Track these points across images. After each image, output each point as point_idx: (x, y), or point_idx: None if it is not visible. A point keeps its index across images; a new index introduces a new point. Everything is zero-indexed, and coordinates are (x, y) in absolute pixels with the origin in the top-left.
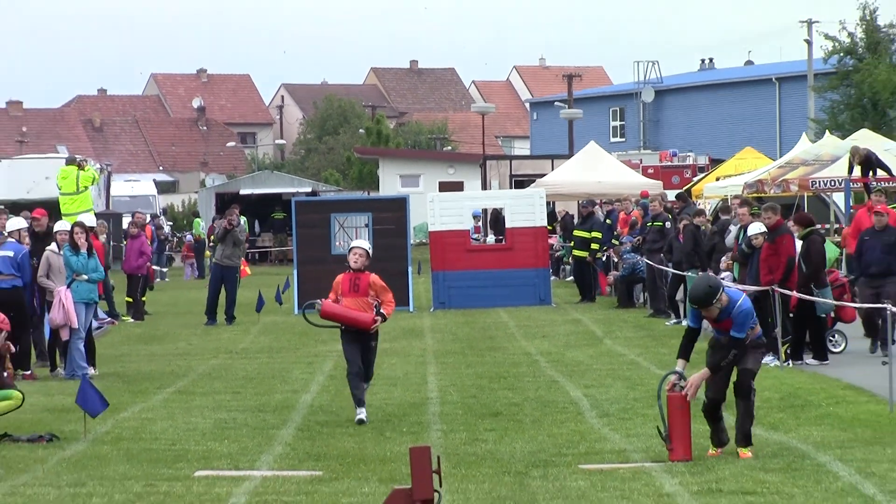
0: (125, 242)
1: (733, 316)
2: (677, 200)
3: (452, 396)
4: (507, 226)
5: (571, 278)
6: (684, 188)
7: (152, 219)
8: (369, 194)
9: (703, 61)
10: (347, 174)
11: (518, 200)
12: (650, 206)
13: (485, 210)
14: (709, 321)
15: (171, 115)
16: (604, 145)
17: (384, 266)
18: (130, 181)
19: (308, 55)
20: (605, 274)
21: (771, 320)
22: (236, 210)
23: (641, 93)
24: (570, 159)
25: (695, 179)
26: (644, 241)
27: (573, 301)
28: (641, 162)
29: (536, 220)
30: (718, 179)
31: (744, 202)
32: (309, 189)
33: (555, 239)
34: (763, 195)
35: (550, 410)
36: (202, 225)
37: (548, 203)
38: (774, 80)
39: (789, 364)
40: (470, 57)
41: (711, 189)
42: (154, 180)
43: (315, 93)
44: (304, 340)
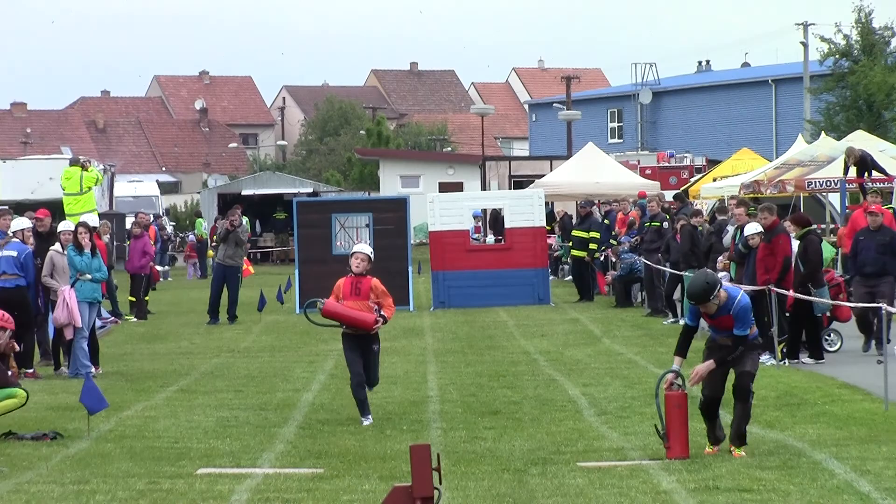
0: (128, 242)
1: (734, 314)
2: (675, 201)
3: (452, 395)
4: (507, 226)
5: (570, 278)
6: (682, 189)
7: (155, 219)
8: (370, 195)
9: (700, 63)
10: (348, 175)
11: (517, 201)
12: (648, 207)
13: (484, 210)
14: (706, 318)
15: (174, 117)
16: (602, 146)
17: (385, 266)
18: (133, 182)
19: (309, 57)
20: (604, 274)
21: (767, 319)
22: (238, 210)
23: (639, 94)
24: (569, 160)
25: (692, 180)
26: (642, 241)
27: (572, 300)
28: (639, 163)
29: (535, 221)
30: (715, 180)
31: (740, 203)
32: (310, 189)
33: (553, 239)
34: (759, 196)
35: (549, 409)
36: (204, 225)
37: (546, 203)
38: (771, 82)
39: (785, 363)
40: (469, 59)
41: (708, 190)
42: (157, 181)
43: (316, 94)
44: (306, 339)
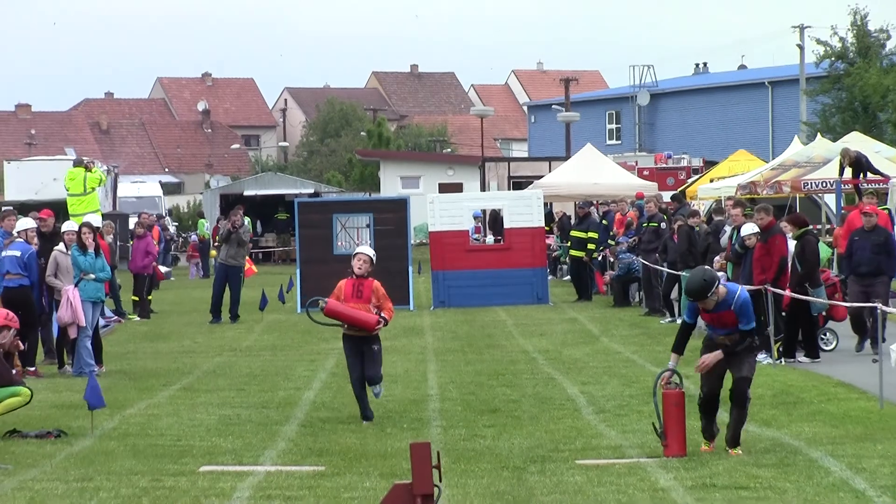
0: (131, 242)
1: (736, 310)
2: (672, 201)
3: (452, 393)
4: (506, 226)
5: (568, 278)
6: (679, 189)
7: (158, 220)
8: (370, 195)
9: (698, 65)
10: (349, 176)
11: (516, 201)
12: (645, 207)
13: (484, 211)
14: (704, 316)
15: (177, 118)
16: (600, 147)
17: (385, 266)
18: (137, 182)
19: (311, 59)
20: (602, 273)
21: (763, 319)
22: (240, 211)
23: (637, 96)
24: (568, 161)
25: (689, 181)
26: (639, 242)
27: (570, 300)
28: (637, 164)
29: (534, 221)
30: (712, 181)
31: (737, 203)
32: (311, 190)
33: (552, 239)
34: (756, 196)
35: (548, 407)
36: (206, 225)
37: (545, 204)
38: (767, 84)
39: (782, 362)
40: (469, 61)
41: (705, 190)
42: (160, 182)
43: (317, 96)
44: (307, 338)
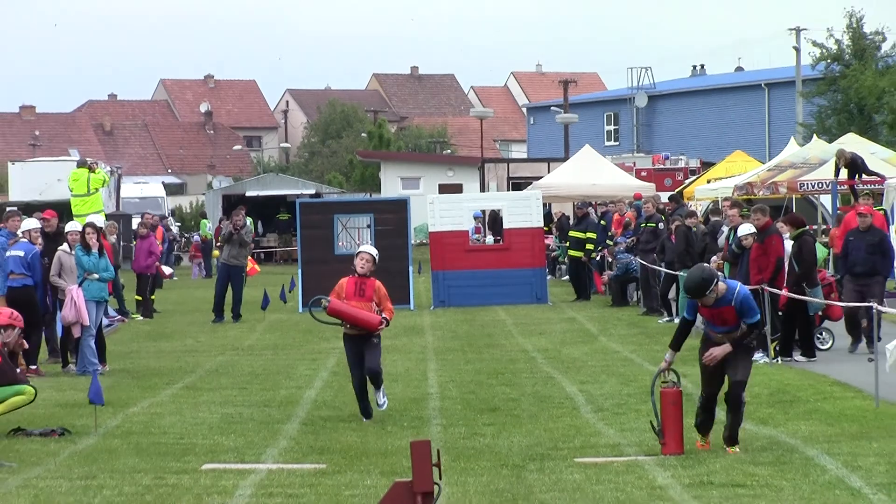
0: (135, 242)
1: (737, 306)
2: (670, 202)
3: (452, 392)
4: (505, 227)
5: (567, 277)
6: (676, 190)
7: (161, 220)
8: (371, 196)
9: (695, 67)
10: (350, 177)
11: (515, 202)
12: (643, 208)
13: (483, 211)
14: (704, 312)
15: (180, 120)
16: (598, 149)
17: (386, 266)
18: (140, 183)
19: (312, 61)
20: (600, 273)
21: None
22: (242, 211)
23: (635, 98)
24: (566, 162)
25: (686, 182)
26: (637, 242)
27: (569, 300)
28: (635, 165)
29: (533, 221)
30: (709, 182)
31: (734, 204)
32: (313, 191)
33: (551, 239)
34: (753, 197)
35: (547, 406)
36: (209, 226)
37: (544, 205)
38: (764, 86)
39: (778, 361)
40: (469, 63)
41: (703, 191)
42: (163, 182)
43: (319, 98)
44: (309, 338)
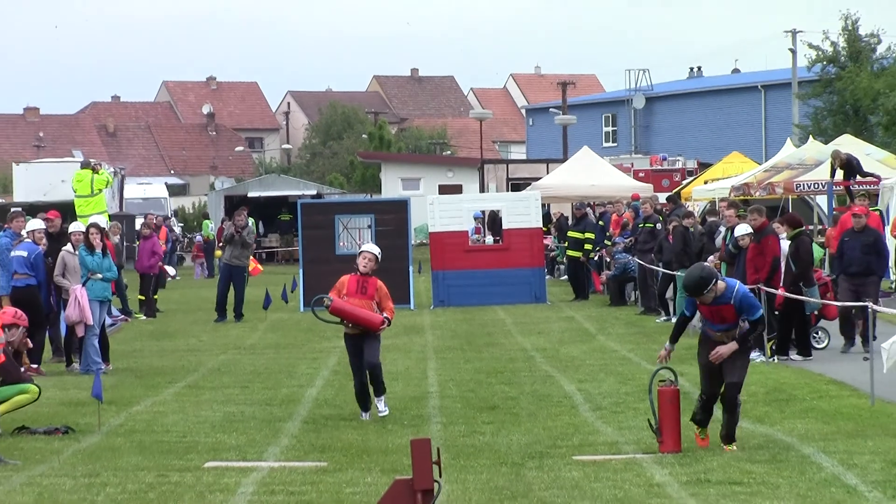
0: (138, 243)
1: (737, 304)
2: (667, 203)
3: (452, 391)
4: (504, 227)
5: (566, 277)
6: (674, 191)
7: (164, 220)
8: (372, 197)
9: (692, 69)
10: (351, 177)
11: (514, 203)
12: (641, 208)
13: (483, 212)
14: (702, 310)
15: (182, 121)
16: (597, 150)
17: (386, 265)
18: (143, 184)
19: (313, 63)
20: (598, 273)
21: None
22: (244, 212)
23: (633, 99)
24: (565, 163)
25: (684, 183)
26: (635, 242)
27: (567, 299)
28: (633, 166)
29: (532, 222)
30: (707, 183)
31: (731, 204)
32: (314, 192)
33: (549, 239)
34: (749, 198)
35: (545, 404)
36: (211, 226)
37: (543, 205)
38: (760, 88)
39: (774, 360)
40: (468, 65)
41: (700, 192)
42: (165, 183)
43: (320, 99)
44: (310, 337)
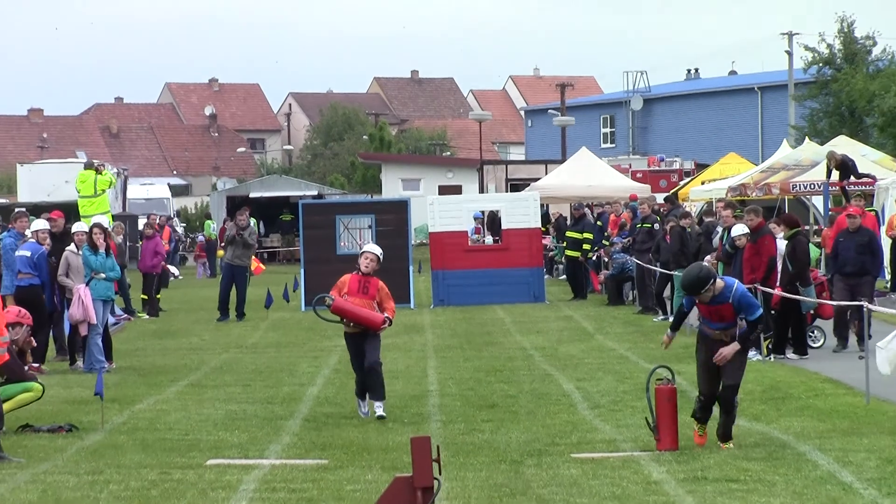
0: (141, 243)
1: (735, 303)
2: (665, 203)
3: (451, 389)
4: (503, 227)
5: (564, 277)
6: (671, 191)
7: (167, 220)
8: (372, 197)
9: (689, 71)
10: (352, 178)
11: (513, 203)
12: (639, 209)
13: (482, 212)
14: (701, 309)
15: (185, 122)
16: (595, 151)
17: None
18: (146, 185)
19: (314, 65)
20: (597, 273)
21: None
22: (246, 212)
23: (631, 101)
24: (563, 164)
25: (681, 183)
26: (633, 242)
27: (566, 298)
28: (631, 167)
29: (531, 222)
30: (704, 183)
31: (728, 205)
32: (315, 192)
33: (548, 239)
34: (746, 198)
35: (544, 402)
36: (213, 226)
37: (542, 205)
38: (757, 90)
39: (771, 358)
40: (468, 67)
41: (697, 192)
42: (168, 184)
43: (321, 101)
44: (311, 336)
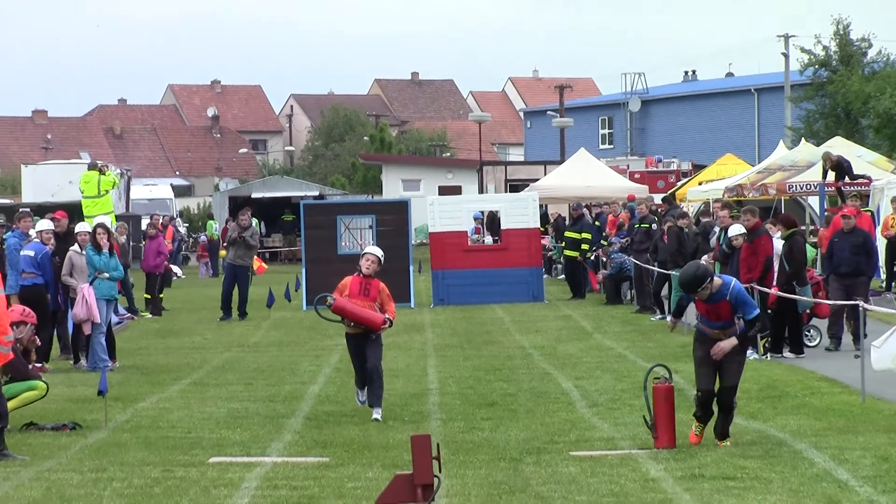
0: (144, 243)
1: (732, 300)
2: (663, 203)
3: (451, 387)
4: (503, 227)
5: (563, 277)
6: (669, 192)
7: (170, 221)
8: (373, 198)
9: (687, 73)
10: (353, 179)
11: (513, 203)
12: (637, 209)
13: (482, 212)
14: (699, 307)
15: (187, 124)
16: (593, 152)
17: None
18: (149, 185)
19: (316, 67)
20: (595, 272)
21: None
22: (248, 212)
23: (628, 103)
24: (562, 165)
25: (679, 184)
26: (631, 242)
27: (564, 298)
28: (629, 167)
29: (530, 222)
30: (701, 184)
31: (725, 205)
32: (316, 193)
33: (547, 240)
34: (743, 199)
35: (543, 401)
36: (215, 227)
37: (541, 206)
38: (753, 91)
39: (767, 357)
40: (468, 69)
41: (694, 193)
42: (171, 184)
43: (322, 102)
44: (312, 335)
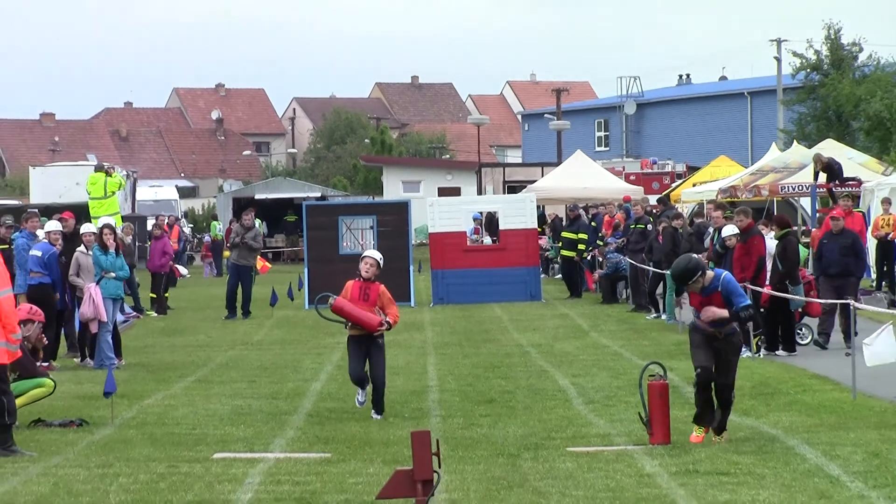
0: (149, 243)
1: (724, 291)
2: (658, 204)
3: (450, 385)
4: (501, 228)
5: (560, 276)
6: (664, 193)
7: (175, 221)
8: (374, 199)
9: (681, 77)
10: (354, 180)
11: (511, 204)
12: (632, 210)
13: (481, 213)
14: (693, 301)
15: (192, 126)
16: (589, 154)
17: (387, 265)
18: (154, 187)
19: (318, 71)
20: (591, 272)
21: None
22: (252, 212)
23: (624, 106)
24: (559, 167)
25: (673, 185)
26: (627, 242)
27: (561, 297)
28: (624, 169)
29: (528, 223)
30: (695, 185)
31: (718, 206)
32: (318, 194)
33: (544, 240)
34: (736, 200)
35: (540, 397)
36: (219, 227)
37: (538, 207)
38: (746, 94)
39: (760, 355)
40: (467, 73)
41: (689, 194)
42: (176, 186)
43: (324, 105)
44: (314, 333)
